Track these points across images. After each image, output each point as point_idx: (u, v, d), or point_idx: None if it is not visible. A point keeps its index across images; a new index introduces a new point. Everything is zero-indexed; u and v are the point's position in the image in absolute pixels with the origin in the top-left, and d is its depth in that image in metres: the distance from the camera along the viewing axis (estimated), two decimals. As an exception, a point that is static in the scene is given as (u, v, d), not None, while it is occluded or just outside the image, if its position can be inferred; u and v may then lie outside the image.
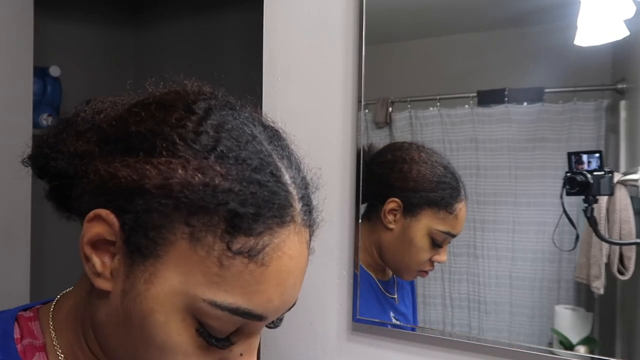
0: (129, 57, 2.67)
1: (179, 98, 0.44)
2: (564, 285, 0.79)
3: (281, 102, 1.02)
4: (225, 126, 0.42)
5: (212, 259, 0.39)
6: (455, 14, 0.87)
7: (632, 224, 0.73)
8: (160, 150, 0.40)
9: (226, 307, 0.39)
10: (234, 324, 0.41)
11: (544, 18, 0.80)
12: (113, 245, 0.42)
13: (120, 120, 0.44)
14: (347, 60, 0.94)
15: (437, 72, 0.90)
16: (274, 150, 0.44)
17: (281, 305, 0.43)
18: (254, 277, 0.39)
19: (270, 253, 0.40)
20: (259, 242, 0.39)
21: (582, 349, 0.77)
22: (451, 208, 0.85)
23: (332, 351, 0.96)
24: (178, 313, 0.40)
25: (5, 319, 0.47)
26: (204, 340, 0.40)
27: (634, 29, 0.73)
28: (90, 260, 0.42)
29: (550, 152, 0.79)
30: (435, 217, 0.86)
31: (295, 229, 0.42)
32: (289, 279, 0.42)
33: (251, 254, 0.39)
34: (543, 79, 0.80)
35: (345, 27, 0.94)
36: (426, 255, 0.87)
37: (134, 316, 0.40)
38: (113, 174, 0.41)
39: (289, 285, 0.43)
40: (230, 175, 0.39)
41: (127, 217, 0.40)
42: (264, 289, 0.40)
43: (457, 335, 0.85)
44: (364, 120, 0.92)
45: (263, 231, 0.39)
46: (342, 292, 0.95)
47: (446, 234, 0.86)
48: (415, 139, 0.92)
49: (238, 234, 0.39)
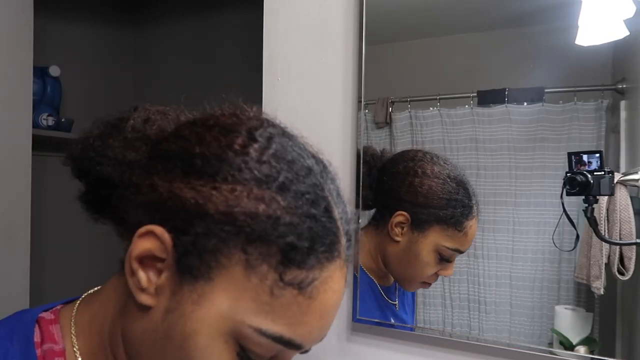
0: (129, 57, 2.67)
1: (240, 122, 0.45)
2: (564, 286, 0.79)
3: (281, 102, 1.02)
4: (286, 157, 0.43)
5: (264, 288, 0.40)
6: (455, 14, 0.87)
7: (632, 224, 0.73)
8: (226, 176, 0.41)
9: (271, 335, 0.40)
10: (273, 351, 0.42)
11: (545, 18, 0.79)
12: (161, 262, 0.42)
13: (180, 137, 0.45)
14: (347, 60, 0.94)
15: (437, 72, 0.90)
16: (325, 184, 0.45)
17: (318, 337, 0.45)
18: (300, 309, 0.41)
19: (318, 287, 0.41)
20: (309, 275, 0.40)
21: (582, 349, 0.77)
22: (461, 226, 0.82)
23: (332, 351, 0.96)
24: (222, 336, 0.40)
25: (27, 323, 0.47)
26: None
27: (634, 28, 0.73)
28: (135, 275, 0.42)
29: (550, 152, 0.79)
30: (443, 234, 0.83)
31: (340, 264, 0.43)
32: (330, 312, 0.44)
33: (301, 286, 0.40)
34: (543, 79, 0.80)
35: (345, 27, 0.94)
36: (431, 270, 0.85)
37: (175, 335, 0.40)
38: (175, 194, 0.41)
39: (329, 318, 0.44)
40: (291, 209, 0.40)
41: (184, 238, 0.40)
42: (307, 321, 0.41)
43: (457, 335, 0.85)
44: (364, 120, 0.92)
45: (314, 265, 0.40)
46: (342, 292, 0.95)
47: (453, 251, 0.83)
48: (415, 139, 0.92)
49: (292, 266, 0.40)
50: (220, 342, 0.40)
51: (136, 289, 0.42)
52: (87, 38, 2.48)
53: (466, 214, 0.83)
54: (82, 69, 2.45)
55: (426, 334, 0.87)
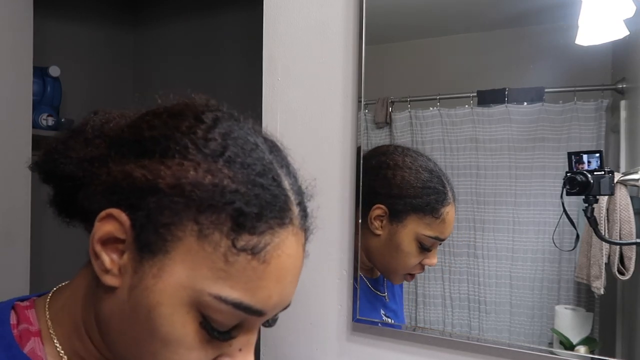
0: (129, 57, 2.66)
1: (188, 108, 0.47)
2: (564, 285, 0.79)
3: (281, 102, 1.02)
4: (231, 135, 0.45)
5: (218, 255, 0.41)
6: (455, 14, 0.87)
7: (633, 224, 0.73)
8: (173, 153, 0.43)
9: (230, 301, 0.41)
10: (235, 319, 0.43)
11: (545, 18, 0.79)
12: (122, 243, 0.44)
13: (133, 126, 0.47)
14: (347, 60, 0.94)
15: (437, 72, 0.90)
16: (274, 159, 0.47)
17: (279, 302, 0.45)
18: (256, 274, 0.42)
19: (271, 251, 0.42)
20: (261, 240, 0.42)
21: (582, 349, 0.77)
22: (437, 213, 0.84)
23: (332, 351, 0.96)
24: (184, 306, 0.42)
25: (2, 308, 0.49)
26: (206, 332, 0.43)
27: (634, 28, 0.73)
28: (99, 258, 0.44)
29: (550, 152, 0.79)
30: (421, 223, 0.85)
31: (294, 231, 0.45)
32: (287, 276, 0.45)
33: (254, 251, 0.42)
34: (543, 78, 0.80)
35: (345, 27, 0.94)
36: (414, 260, 0.86)
37: (140, 309, 0.42)
38: (127, 174, 0.43)
39: (287, 283, 0.45)
40: (237, 178, 0.42)
41: (138, 214, 0.42)
42: (265, 285, 0.43)
43: (457, 335, 0.85)
44: (364, 120, 0.92)
45: (265, 230, 0.42)
46: (342, 293, 0.95)
47: (433, 239, 0.85)
48: (415, 139, 0.92)
49: (243, 232, 0.41)
50: (183, 312, 0.42)
51: (101, 271, 0.44)
52: (87, 38, 2.48)
53: (441, 200, 0.84)
54: (82, 69, 2.45)
55: (426, 334, 0.87)
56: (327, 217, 0.96)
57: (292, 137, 1.00)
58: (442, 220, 0.84)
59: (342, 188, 0.95)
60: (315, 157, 0.98)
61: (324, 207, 0.97)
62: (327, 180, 0.96)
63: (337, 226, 0.95)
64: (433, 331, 0.87)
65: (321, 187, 0.97)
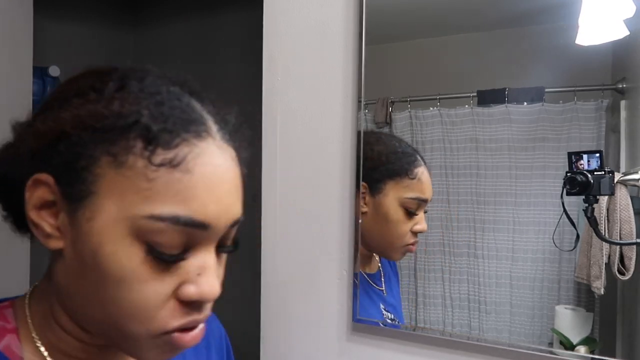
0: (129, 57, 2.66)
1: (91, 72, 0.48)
2: (564, 285, 0.79)
3: (281, 102, 1.02)
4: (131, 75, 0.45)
5: (139, 177, 0.41)
6: (455, 14, 0.87)
7: (633, 224, 0.73)
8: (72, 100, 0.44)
9: (166, 217, 0.41)
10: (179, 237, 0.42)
11: (545, 18, 0.79)
12: (55, 206, 0.44)
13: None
14: (347, 60, 0.94)
15: (437, 72, 0.90)
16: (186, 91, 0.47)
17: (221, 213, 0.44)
18: (182, 184, 0.42)
19: (192, 161, 0.42)
20: (178, 153, 0.42)
21: (582, 349, 0.77)
22: (411, 173, 0.88)
23: (332, 351, 0.96)
24: (125, 239, 0.42)
25: None
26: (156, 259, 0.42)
27: (634, 28, 0.73)
28: (38, 226, 0.44)
29: (550, 152, 0.79)
30: (399, 186, 0.88)
31: (216, 143, 0.45)
32: (220, 185, 0.44)
33: (173, 163, 0.41)
34: (543, 78, 0.80)
35: (345, 27, 0.94)
36: (405, 227, 0.88)
37: (86, 259, 0.42)
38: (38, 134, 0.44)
39: (223, 192, 0.44)
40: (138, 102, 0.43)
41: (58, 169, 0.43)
42: (196, 194, 0.42)
43: (457, 335, 0.85)
44: (364, 120, 0.92)
45: (180, 143, 0.42)
46: (342, 292, 0.95)
47: (416, 200, 0.87)
48: (415, 138, 0.92)
49: (157, 148, 0.41)
50: (126, 245, 0.42)
51: (43, 238, 0.44)
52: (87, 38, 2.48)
53: (412, 161, 0.89)
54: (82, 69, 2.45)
55: (426, 334, 0.87)
56: (327, 216, 0.96)
57: (292, 137, 1.00)
58: (418, 179, 0.88)
59: (342, 188, 0.95)
60: (315, 157, 0.98)
61: (324, 207, 0.97)
62: (327, 180, 0.96)
63: (337, 226, 0.95)
64: (433, 331, 0.87)
65: (321, 186, 0.97)
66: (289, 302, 1.00)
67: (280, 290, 1.01)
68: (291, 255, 1.00)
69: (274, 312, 1.02)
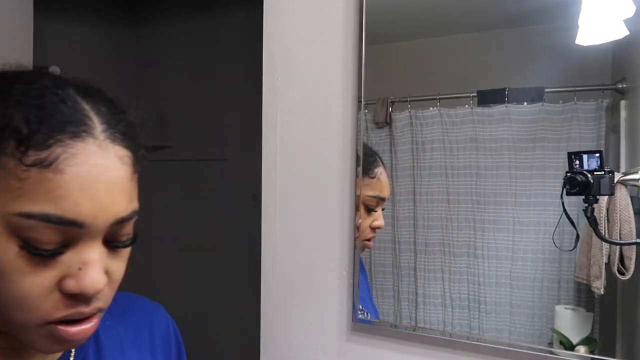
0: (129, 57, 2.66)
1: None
2: (564, 285, 0.79)
3: (281, 102, 1.02)
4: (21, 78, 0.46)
5: (11, 176, 0.43)
6: (455, 14, 0.87)
7: (633, 224, 0.73)
8: None
9: (35, 214, 0.43)
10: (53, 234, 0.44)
11: (545, 18, 0.79)
12: None
13: None
14: (347, 60, 0.94)
15: (437, 72, 0.90)
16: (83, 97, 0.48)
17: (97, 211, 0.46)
18: (53, 184, 0.43)
19: (64, 162, 0.44)
20: (50, 154, 0.43)
21: (582, 349, 0.77)
22: (372, 172, 0.94)
23: (332, 351, 0.96)
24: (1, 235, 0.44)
25: None
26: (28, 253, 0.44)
27: (633, 28, 0.73)
28: None
29: (550, 152, 0.79)
30: (362, 186, 0.93)
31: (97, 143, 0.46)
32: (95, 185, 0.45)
33: (44, 164, 0.43)
34: (543, 78, 0.80)
35: (345, 27, 0.94)
36: (365, 223, 0.94)
37: None
38: None
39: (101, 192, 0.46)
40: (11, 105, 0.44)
41: None
42: (67, 194, 0.44)
43: (457, 335, 0.85)
44: (364, 120, 0.92)
45: (53, 144, 0.43)
46: (342, 292, 0.95)
47: (376, 198, 0.93)
48: (415, 138, 0.92)
49: (28, 149, 0.43)
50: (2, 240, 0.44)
51: None
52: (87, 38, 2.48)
53: (372, 161, 0.94)
54: (82, 69, 2.44)
55: (426, 334, 0.87)
56: (327, 217, 0.96)
57: (292, 137, 1.00)
58: (377, 179, 0.94)
59: (341, 188, 0.95)
60: (315, 157, 0.98)
61: (324, 207, 0.97)
62: (327, 180, 0.96)
63: (337, 226, 0.95)
64: (433, 331, 0.87)
65: (321, 186, 0.97)
66: (289, 302, 1.00)
67: (280, 290, 1.01)
68: (291, 255, 1.00)
69: (274, 312, 1.02)
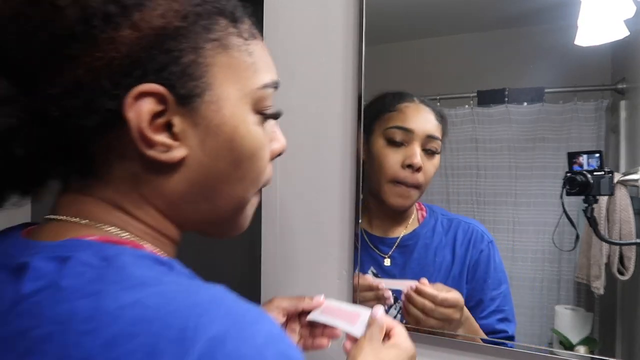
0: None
1: None
2: (564, 285, 0.79)
3: (281, 102, 1.01)
4: None
5: (243, 54, 0.45)
6: (455, 14, 0.87)
7: (632, 224, 0.73)
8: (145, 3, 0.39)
9: (271, 83, 0.47)
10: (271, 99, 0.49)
11: (544, 18, 0.79)
12: (163, 115, 0.40)
13: None
14: (347, 60, 0.94)
15: (437, 72, 0.90)
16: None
17: None
18: (264, 51, 0.48)
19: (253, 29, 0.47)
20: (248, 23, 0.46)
21: (582, 349, 0.77)
22: (393, 107, 0.90)
23: (331, 351, 0.96)
24: (249, 115, 0.45)
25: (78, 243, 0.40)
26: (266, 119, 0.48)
27: (633, 28, 0.73)
28: (155, 143, 0.40)
29: (550, 152, 0.79)
30: (382, 122, 0.91)
31: None
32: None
33: (254, 34, 0.46)
34: (543, 79, 0.80)
35: (345, 27, 0.94)
36: (392, 160, 0.89)
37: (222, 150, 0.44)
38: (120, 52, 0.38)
39: None
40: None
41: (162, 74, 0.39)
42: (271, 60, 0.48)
43: (457, 335, 0.85)
44: (364, 120, 0.92)
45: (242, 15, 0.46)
46: (342, 292, 0.95)
47: (397, 128, 0.89)
48: (415, 139, 0.91)
49: (240, 25, 0.45)
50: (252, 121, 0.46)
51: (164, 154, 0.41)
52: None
53: (397, 98, 0.91)
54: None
55: (426, 334, 0.87)
56: (327, 216, 0.96)
57: (292, 137, 1.00)
58: (399, 111, 0.90)
59: (342, 188, 0.95)
60: (315, 157, 0.98)
61: (324, 207, 0.97)
62: (327, 180, 0.96)
63: (337, 226, 0.95)
64: (433, 331, 0.87)
65: (321, 186, 0.97)
66: (289, 302, 1.00)
67: (281, 290, 1.01)
68: (291, 255, 1.00)
69: (274, 312, 1.02)
